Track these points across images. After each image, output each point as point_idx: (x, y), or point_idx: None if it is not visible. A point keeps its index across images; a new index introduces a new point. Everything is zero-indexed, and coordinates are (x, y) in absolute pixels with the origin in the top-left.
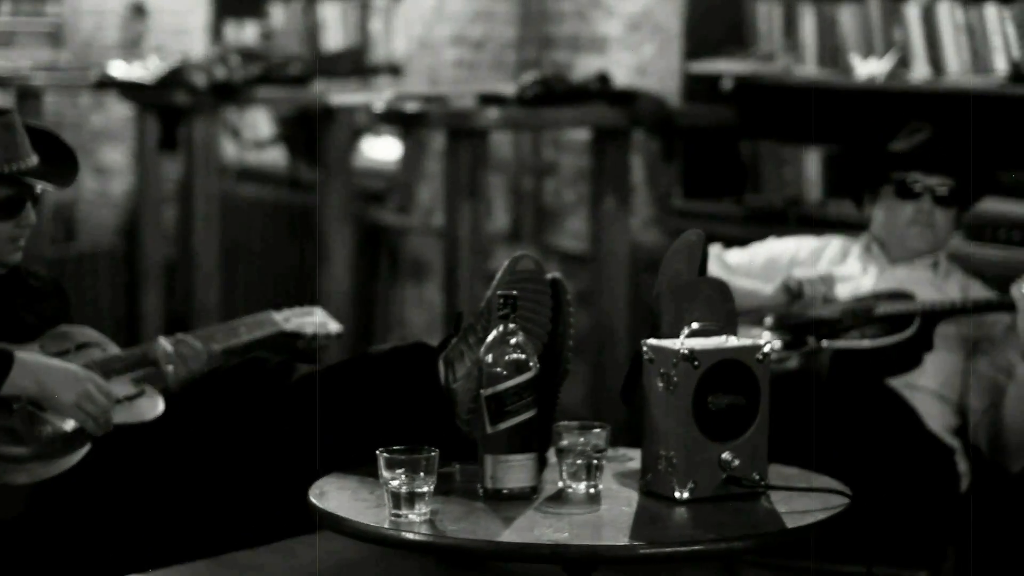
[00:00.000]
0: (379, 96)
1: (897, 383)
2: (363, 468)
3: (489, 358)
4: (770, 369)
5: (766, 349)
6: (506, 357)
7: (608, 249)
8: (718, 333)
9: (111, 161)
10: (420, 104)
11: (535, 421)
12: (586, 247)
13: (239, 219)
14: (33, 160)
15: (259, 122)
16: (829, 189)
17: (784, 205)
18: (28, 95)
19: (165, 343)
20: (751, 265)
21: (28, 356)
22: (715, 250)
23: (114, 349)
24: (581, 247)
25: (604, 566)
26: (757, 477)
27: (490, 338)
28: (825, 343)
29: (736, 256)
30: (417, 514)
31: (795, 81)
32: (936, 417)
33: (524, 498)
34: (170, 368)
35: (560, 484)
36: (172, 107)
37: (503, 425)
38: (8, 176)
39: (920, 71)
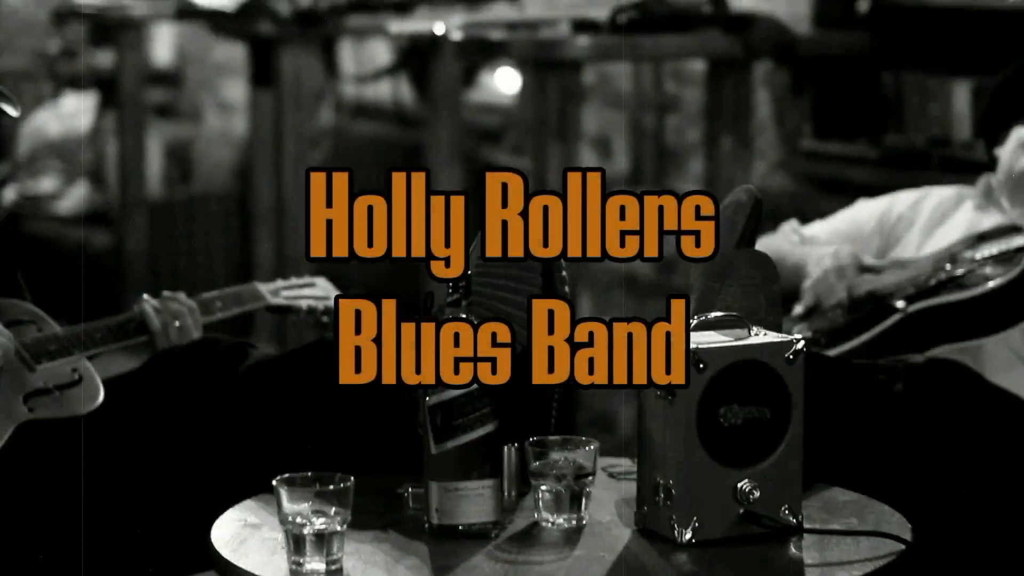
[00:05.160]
0: (454, 23)
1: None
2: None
3: None
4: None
5: (799, 346)
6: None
7: (725, 195)
8: (742, 324)
9: (234, 97)
10: (504, 32)
11: (494, 438)
12: None
13: (352, 159)
14: None
15: (378, 53)
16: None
17: (927, 146)
18: (127, 26)
19: (150, 300)
20: (832, 239)
21: None
22: (791, 226)
23: (54, 328)
24: None
25: None
26: (786, 513)
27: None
28: (900, 303)
29: (814, 229)
30: (325, 561)
31: (942, 1)
32: None
33: (482, 537)
34: (158, 325)
35: (536, 516)
36: (260, 37)
37: (452, 444)
38: None
39: None
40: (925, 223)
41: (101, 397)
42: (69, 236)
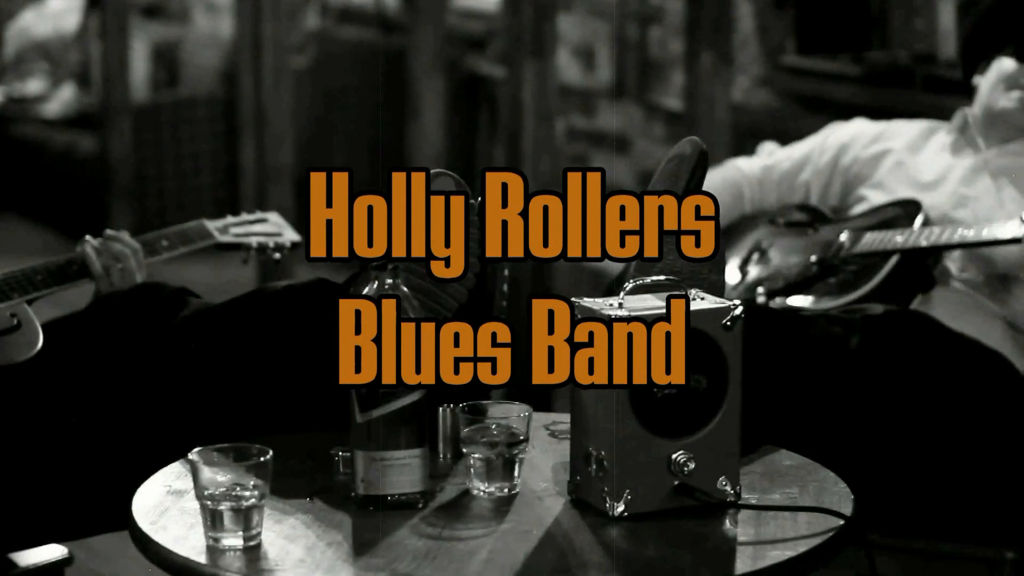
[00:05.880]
0: None
1: None
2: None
3: None
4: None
5: (736, 312)
6: None
7: (706, 112)
8: (679, 288)
9: None
10: None
11: (423, 405)
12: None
13: (336, 64)
14: None
15: None
16: None
17: (911, 63)
18: None
19: (91, 241)
20: (783, 165)
21: None
22: (768, 147)
23: None
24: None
25: None
26: (724, 484)
27: (364, 292)
28: (761, 298)
29: (777, 155)
30: (242, 537)
31: None
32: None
33: (410, 507)
34: (99, 268)
35: (467, 484)
36: None
37: (377, 412)
38: None
39: None
40: (893, 163)
41: (40, 343)
42: (56, 139)
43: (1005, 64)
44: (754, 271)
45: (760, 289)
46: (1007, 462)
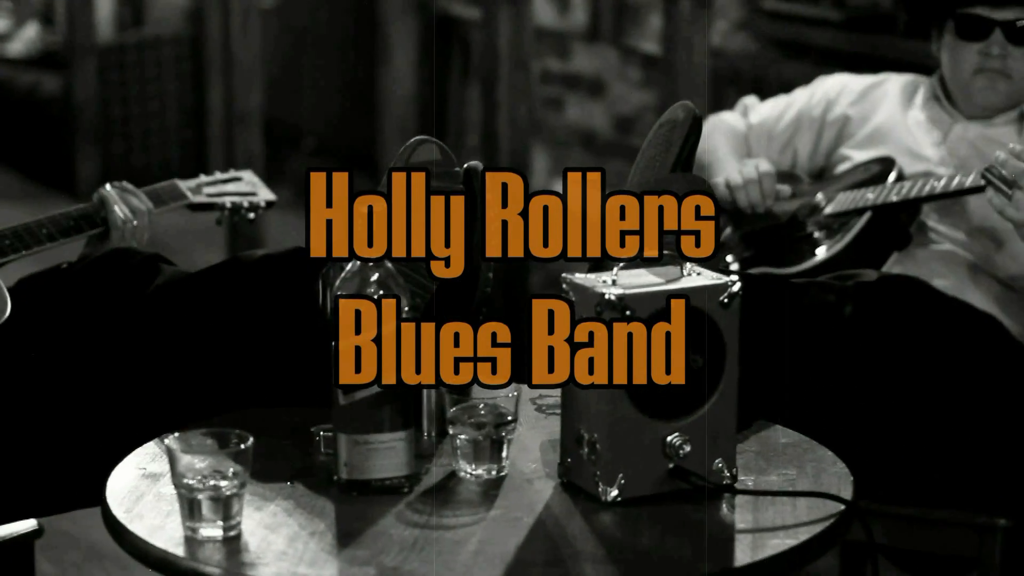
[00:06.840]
0: None
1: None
2: (216, 422)
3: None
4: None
5: (734, 288)
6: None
7: (683, 56)
8: (674, 263)
9: None
10: None
11: (407, 386)
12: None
13: (303, 5)
14: None
15: None
16: None
17: (893, 8)
18: None
19: (110, 188)
20: (776, 124)
21: None
22: (748, 101)
23: None
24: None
25: None
26: (720, 466)
27: (347, 268)
28: (735, 264)
29: (763, 111)
30: (221, 527)
31: None
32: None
33: (395, 492)
34: (121, 215)
35: (453, 465)
36: None
37: (361, 394)
38: None
39: None
40: (878, 121)
41: (8, 311)
42: (20, 79)
43: (959, 43)
44: (727, 239)
45: (730, 257)
46: (1000, 428)
